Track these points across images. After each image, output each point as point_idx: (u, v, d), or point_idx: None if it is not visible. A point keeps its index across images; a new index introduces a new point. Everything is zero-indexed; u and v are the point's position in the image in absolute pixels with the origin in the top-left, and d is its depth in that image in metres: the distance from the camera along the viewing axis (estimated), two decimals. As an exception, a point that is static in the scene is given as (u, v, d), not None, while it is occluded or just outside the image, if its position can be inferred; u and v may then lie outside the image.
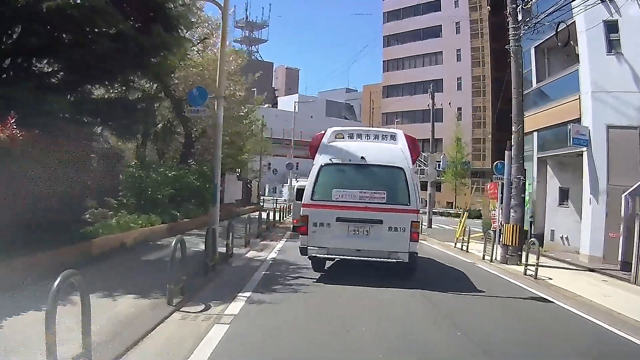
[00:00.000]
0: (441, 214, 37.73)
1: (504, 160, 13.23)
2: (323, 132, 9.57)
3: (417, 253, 8.71)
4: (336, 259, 9.14)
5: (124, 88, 11.57)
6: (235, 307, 6.20)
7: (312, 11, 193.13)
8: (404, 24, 59.56)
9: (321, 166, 8.89)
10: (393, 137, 9.46)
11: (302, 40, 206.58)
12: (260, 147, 37.56)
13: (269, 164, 51.20)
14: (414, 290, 8.02)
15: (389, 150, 9.12)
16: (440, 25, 55.60)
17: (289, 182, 42.92)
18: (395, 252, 8.47)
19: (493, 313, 7.11)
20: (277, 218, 21.94)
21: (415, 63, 58.70)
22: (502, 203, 13.14)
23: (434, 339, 5.50)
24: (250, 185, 35.41)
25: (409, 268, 8.75)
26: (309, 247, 8.62)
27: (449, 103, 51.49)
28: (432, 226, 24.33)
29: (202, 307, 6.09)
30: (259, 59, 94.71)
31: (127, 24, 8.84)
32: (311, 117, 73.69)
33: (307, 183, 9.06)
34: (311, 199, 8.72)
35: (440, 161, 26.95)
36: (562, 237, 16.16)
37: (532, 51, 17.07)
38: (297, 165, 48.00)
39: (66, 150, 9.01)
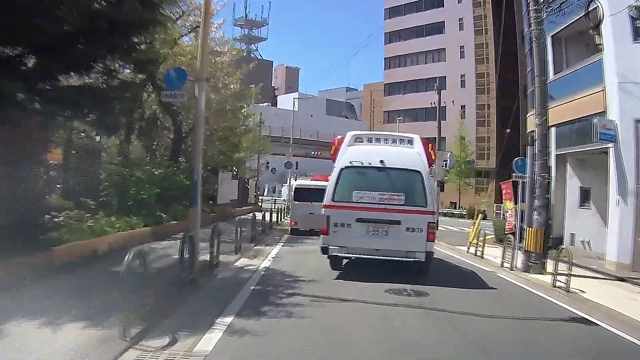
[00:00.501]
0: (445, 215, 36.61)
1: (524, 157, 11.97)
2: (342, 136, 9.93)
3: (433, 252, 9.06)
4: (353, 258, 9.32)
5: (105, 78, 10.27)
6: (209, 340, 4.81)
7: (312, 11, 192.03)
8: (405, 21, 58.30)
9: (342, 169, 9.19)
10: (410, 141, 9.75)
11: (302, 39, 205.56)
12: (258, 145, 36.33)
13: (268, 162, 50.05)
14: (432, 311, 6.73)
15: (407, 154, 9.42)
16: (443, 21, 54.44)
17: (288, 181, 41.56)
18: (412, 251, 8.78)
19: (536, 342, 5.73)
20: (274, 219, 20.64)
21: (418, 60, 57.42)
22: (519, 203, 11.86)
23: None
24: (248, 185, 34.13)
25: (422, 267, 9.09)
26: (330, 247, 8.95)
27: (452, 101, 49.94)
28: (439, 227, 22.95)
29: (167, 340, 4.69)
30: (259, 57, 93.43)
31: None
32: (311, 115, 72.67)
33: (329, 185, 9.34)
34: (332, 200, 9.03)
35: (447, 160, 25.71)
36: (583, 242, 14.93)
37: (549, 41, 15.85)
38: (296, 165, 46.70)
39: (21, 145, 7.71)
